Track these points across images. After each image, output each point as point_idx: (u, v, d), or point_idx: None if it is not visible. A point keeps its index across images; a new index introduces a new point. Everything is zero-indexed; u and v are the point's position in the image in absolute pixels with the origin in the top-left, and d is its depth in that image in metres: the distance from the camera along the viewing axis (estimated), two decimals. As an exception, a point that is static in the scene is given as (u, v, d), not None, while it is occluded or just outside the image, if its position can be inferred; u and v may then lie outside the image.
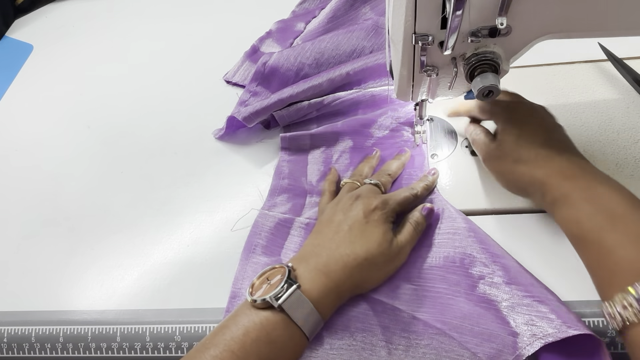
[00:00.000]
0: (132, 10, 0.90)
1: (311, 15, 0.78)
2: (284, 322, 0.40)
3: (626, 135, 0.55)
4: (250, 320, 0.40)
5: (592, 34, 0.43)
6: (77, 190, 0.63)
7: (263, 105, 0.62)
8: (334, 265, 0.43)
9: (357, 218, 0.46)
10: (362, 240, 0.45)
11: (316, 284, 0.42)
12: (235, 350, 0.38)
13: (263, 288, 0.42)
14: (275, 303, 0.40)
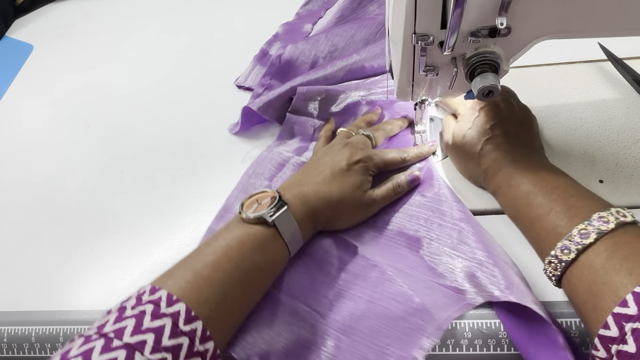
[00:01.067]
0: (132, 10, 0.90)
1: (317, 16, 0.78)
2: (274, 235, 0.45)
3: (626, 135, 0.55)
4: (244, 232, 0.44)
5: (592, 34, 0.43)
6: (77, 190, 0.63)
7: (276, 94, 0.63)
8: (313, 197, 0.49)
9: (340, 164, 0.51)
10: (338, 183, 0.50)
11: (299, 209, 0.47)
12: (233, 256, 0.43)
13: (254, 207, 0.46)
14: (269, 219, 0.45)
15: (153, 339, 0.36)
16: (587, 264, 0.38)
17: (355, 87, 0.64)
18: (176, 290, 0.39)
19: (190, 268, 0.42)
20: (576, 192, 0.43)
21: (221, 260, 0.42)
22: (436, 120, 0.60)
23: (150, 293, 0.39)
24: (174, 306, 0.38)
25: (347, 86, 0.65)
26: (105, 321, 0.37)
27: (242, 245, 0.44)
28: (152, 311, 0.37)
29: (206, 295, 0.40)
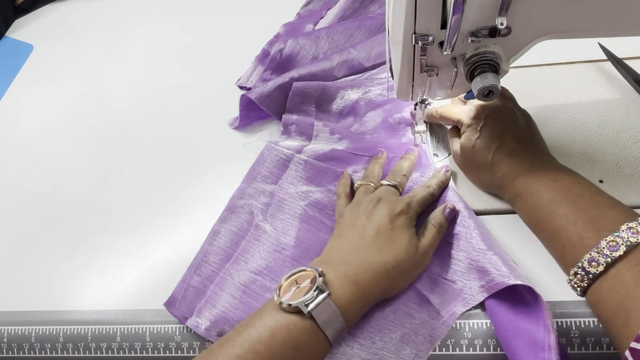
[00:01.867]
0: (132, 10, 0.90)
1: (318, 16, 0.77)
2: (311, 328, 0.40)
3: (626, 135, 0.55)
4: (277, 323, 0.39)
5: (592, 34, 0.43)
6: (77, 190, 0.63)
7: (276, 84, 0.63)
8: (364, 274, 0.43)
9: (382, 223, 0.46)
10: (389, 247, 0.45)
11: (345, 292, 0.42)
12: (261, 352, 0.38)
13: (292, 291, 0.41)
14: (305, 310, 0.39)
15: None
16: (617, 278, 0.36)
17: (351, 84, 0.64)
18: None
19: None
20: (602, 200, 0.41)
21: (247, 354, 0.38)
22: (436, 120, 0.60)
23: None
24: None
25: (343, 82, 0.65)
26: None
27: (273, 339, 0.39)
28: None
29: None
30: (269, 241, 0.53)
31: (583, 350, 0.43)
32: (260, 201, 0.56)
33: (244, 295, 0.49)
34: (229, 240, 0.54)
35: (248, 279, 0.50)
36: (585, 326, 0.43)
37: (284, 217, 0.54)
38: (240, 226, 0.55)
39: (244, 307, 0.49)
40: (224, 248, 0.53)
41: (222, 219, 0.55)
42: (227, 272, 0.51)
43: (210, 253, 0.53)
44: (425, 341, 0.44)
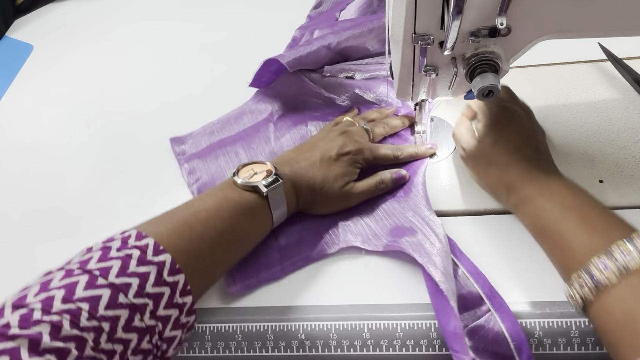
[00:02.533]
0: (132, 10, 0.90)
1: (333, 19, 0.76)
2: (264, 206, 0.47)
3: (626, 135, 0.55)
4: (238, 196, 0.46)
5: (592, 34, 0.43)
6: (77, 190, 0.63)
7: (306, 51, 0.64)
8: (300, 180, 0.50)
9: (329, 153, 0.52)
10: (322, 171, 0.51)
11: (288, 186, 0.49)
12: (225, 218, 0.44)
13: (249, 175, 0.48)
14: (264, 189, 0.46)
15: (137, 284, 0.36)
16: (631, 287, 0.36)
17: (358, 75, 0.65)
18: (163, 239, 0.40)
19: (181, 220, 0.42)
20: (613, 218, 0.41)
21: (213, 219, 0.44)
22: (436, 120, 0.60)
23: (137, 239, 0.39)
24: (160, 256, 0.38)
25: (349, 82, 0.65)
26: (88, 258, 0.37)
27: (235, 209, 0.45)
28: (138, 257, 0.37)
29: (195, 249, 0.41)
30: (265, 134, 0.63)
31: (583, 350, 0.43)
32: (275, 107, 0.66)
33: (222, 160, 0.61)
34: (240, 120, 0.66)
35: (232, 150, 0.62)
36: (585, 326, 0.43)
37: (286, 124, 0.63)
38: (255, 114, 0.66)
39: (216, 166, 0.60)
40: (234, 124, 0.66)
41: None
42: (224, 142, 0.63)
43: (224, 119, 0.66)
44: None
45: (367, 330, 0.45)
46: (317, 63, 0.66)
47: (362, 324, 0.46)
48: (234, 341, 0.47)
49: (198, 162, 0.62)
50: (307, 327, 0.46)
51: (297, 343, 0.46)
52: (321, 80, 0.65)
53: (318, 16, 0.79)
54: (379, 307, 0.46)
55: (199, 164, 0.61)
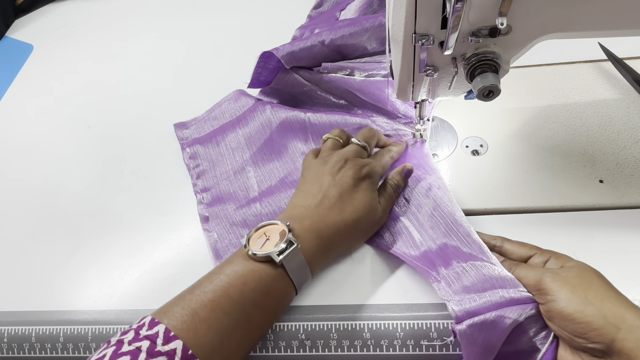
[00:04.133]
0: (132, 10, 0.90)
1: (333, 18, 0.76)
2: (281, 276, 0.43)
3: (626, 135, 0.55)
4: (249, 270, 0.42)
5: (592, 34, 0.43)
6: (77, 190, 0.63)
7: (300, 46, 0.63)
8: (326, 230, 0.46)
9: (346, 186, 0.48)
10: (351, 208, 0.47)
11: (310, 244, 0.45)
12: (234, 297, 0.41)
13: (261, 243, 0.44)
14: (277, 258, 0.42)
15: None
16: None
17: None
18: (174, 326, 0.38)
19: (188, 306, 0.40)
20: None
21: (221, 300, 0.40)
22: (436, 120, 0.60)
23: (149, 327, 0.38)
24: (170, 344, 0.37)
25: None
26: (102, 356, 0.36)
27: (245, 285, 0.41)
28: (147, 348, 0.36)
29: (202, 338, 0.38)
30: (263, 117, 0.62)
31: None
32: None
33: (223, 146, 0.62)
34: (241, 105, 0.66)
35: (232, 137, 0.62)
36: None
37: (282, 112, 0.62)
38: (254, 101, 0.65)
39: (217, 153, 0.61)
40: (235, 108, 0.66)
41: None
42: (226, 127, 0.63)
43: (226, 106, 0.66)
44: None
45: (367, 330, 0.45)
46: (313, 60, 0.65)
47: (362, 324, 0.46)
48: (234, 341, 0.47)
49: (199, 147, 0.63)
50: (307, 327, 0.46)
51: (297, 343, 0.46)
52: (318, 81, 0.65)
53: (318, 16, 0.79)
54: (379, 307, 0.46)
55: (200, 150, 0.62)
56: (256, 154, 0.61)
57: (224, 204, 0.57)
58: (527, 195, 0.52)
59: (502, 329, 0.39)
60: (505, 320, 0.39)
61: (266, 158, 0.60)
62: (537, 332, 0.40)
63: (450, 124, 0.59)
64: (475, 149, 0.57)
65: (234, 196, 0.57)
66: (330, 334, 0.46)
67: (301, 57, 0.64)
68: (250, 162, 0.60)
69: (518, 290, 0.41)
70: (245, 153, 0.61)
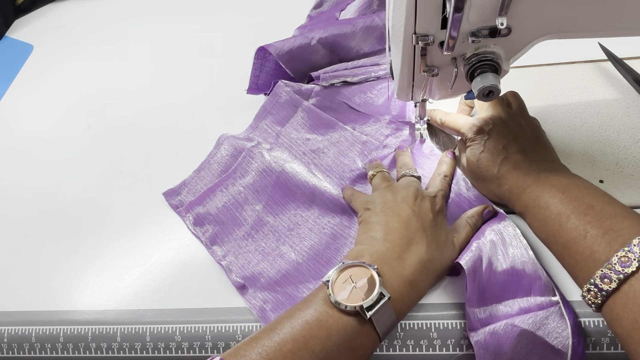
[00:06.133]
0: (132, 10, 0.90)
1: (333, 19, 0.76)
2: (368, 331, 0.39)
3: (626, 135, 0.55)
4: (334, 323, 0.39)
5: (592, 34, 0.43)
6: (77, 190, 0.63)
7: (297, 43, 0.64)
8: (418, 273, 0.43)
9: (428, 219, 0.46)
10: (436, 244, 0.45)
11: (401, 293, 0.42)
12: (317, 352, 0.37)
13: (348, 290, 0.40)
14: (366, 315, 0.39)
15: None
16: (631, 295, 0.35)
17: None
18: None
19: (265, 353, 0.37)
20: (613, 211, 0.39)
21: (301, 352, 0.37)
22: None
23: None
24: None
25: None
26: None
27: (328, 339, 0.38)
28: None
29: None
30: (263, 164, 0.58)
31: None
32: (267, 140, 0.61)
33: (229, 204, 0.57)
34: (230, 154, 0.60)
35: (236, 191, 0.57)
36: (585, 326, 0.43)
37: (283, 156, 0.58)
38: (243, 147, 0.60)
39: (225, 213, 0.56)
40: (225, 160, 0.60)
41: (229, 139, 0.61)
42: (222, 181, 0.58)
43: (213, 161, 0.61)
44: None
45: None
46: (309, 59, 0.65)
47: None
48: (234, 341, 0.47)
49: (200, 208, 0.57)
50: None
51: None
52: (312, 96, 0.63)
53: (318, 16, 0.79)
54: (379, 307, 0.46)
55: (201, 212, 0.57)
56: (269, 203, 0.56)
57: (255, 265, 0.52)
58: (527, 195, 0.52)
59: (511, 336, 0.40)
60: (514, 328, 0.41)
61: (281, 202, 0.56)
62: (556, 334, 0.41)
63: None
64: (475, 149, 0.57)
65: (263, 254, 0.53)
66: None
67: (297, 55, 0.64)
68: (265, 212, 0.55)
69: (529, 299, 0.42)
70: (256, 205, 0.56)
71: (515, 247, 0.46)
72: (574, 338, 0.41)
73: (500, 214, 0.49)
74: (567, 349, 0.40)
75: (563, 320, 0.41)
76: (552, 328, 0.41)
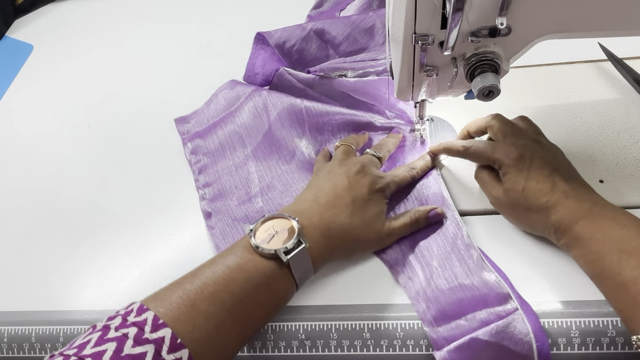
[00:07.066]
0: (132, 10, 0.90)
1: (333, 18, 0.77)
2: (285, 275, 0.42)
3: (626, 135, 0.55)
4: (254, 267, 0.41)
5: (592, 34, 0.43)
6: (77, 190, 0.63)
7: (296, 34, 0.66)
8: (335, 231, 0.46)
9: (361, 192, 0.48)
10: (361, 215, 0.47)
11: (318, 243, 0.45)
12: (236, 292, 0.40)
13: (268, 237, 0.43)
14: (284, 258, 0.41)
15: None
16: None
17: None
18: (164, 314, 0.37)
19: (186, 296, 0.39)
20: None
21: (222, 294, 0.39)
22: (436, 120, 0.60)
23: (137, 313, 0.37)
24: (159, 331, 0.36)
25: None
26: (87, 340, 0.36)
27: (248, 281, 0.41)
28: (135, 335, 0.35)
29: (199, 330, 0.38)
30: (260, 102, 0.62)
31: (583, 350, 0.43)
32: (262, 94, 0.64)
33: (224, 142, 0.62)
34: (235, 94, 0.66)
35: (232, 130, 0.62)
36: (585, 326, 0.43)
37: (280, 97, 0.61)
38: (246, 91, 0.65)
39: (220, 151, 0.61)
40: (230, 96, 0.66)
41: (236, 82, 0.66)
42: (224, 118, 0.64)
43: (221, 96, 0.66)
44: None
45: (367, 330, 0.45)
46: (306, 50, 0.66)
47: (362, 324, 0.46)
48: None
49: (200, 141, 0.63)
50: (307, 327, 0.46)
51: (297, 343, 0.46)
52: (312, 83, 0.64)
53: (318, 16, 0.79)
54: (379, 307, 0.46)
55: (201, 144, 0.63)
56: (257, 149, 0.61)
57: (225, 199, 0.57)
58: (527, 195, 0.52)
59: (476, 349, 0.41)
60: (478, 341, 0.41)
61: (266, 152, 0.60)
62: (520, 341, 0.41)
63: (450, 124, 0.59)
64: (475, 149, 0.57)
65: (235, 191, 0.58)
66: (330, 334, 0.46)
67: (293, 45, 0.66)
68: (251, 157, 0.60)
69: (488, 310, 0.43)
70: (246, 148, 0.61)
71: (463, 258, 0.46)
72: (538, 342, 0.41)
73: (450, 221, 0.49)
74: (532, 353, 0.41)
75: (524, 326, 0.42)
76: (515, 335, 0.41)
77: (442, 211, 0.50)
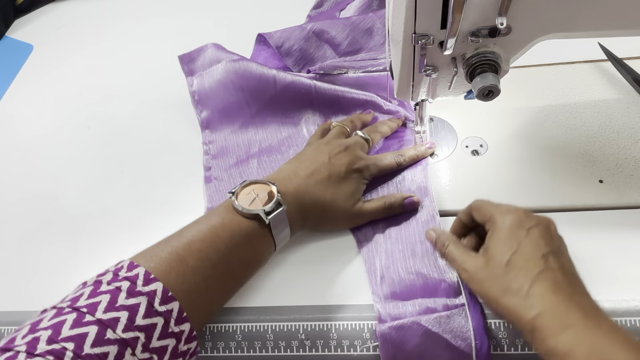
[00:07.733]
0: (132, 10, 0.90)
1: (333, 19, 0.77)
2: (265, 234, 0.45)
3: (626, 135, 0.55)
4: (235, 225, 0.44)
5: (592, 34, 0.43)
6: (77, 190, 0.63)
7: (297, 34, 0.67)
8: (307, 199, 0.48)
9: (338, 170, 0.50)
10: (333, 190, 0.49)
11: (292, 208, 0.47)
12: (222, 249, 0.43)
13: (249, 199, 0.46)
14: (265, 218, 0.44)
15: (127, 317, 0.35)
16: None
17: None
18: (154, 269, 0.39)
19: (174, 252, 0.41)
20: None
21: (208, 250, 0.42)
22: (436, 120, 0.60)
23: (128, 269, 0.39)
24: (150, 285, 0.38)
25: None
26: (80, 294, 0.37)
27: (232, 239, 0.43)
28: (127, 288, 0.37)
29: (189, 283, 0.40)
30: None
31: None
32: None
33: (230, 99, 0.64)
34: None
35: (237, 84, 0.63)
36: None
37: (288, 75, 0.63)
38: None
39: (226, 109, 0.63)
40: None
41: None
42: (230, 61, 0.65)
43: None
44: None
45: (367, 330, 0.45)
46: (305, 50, 0.67)
47: (362, 324, 0.46)
48: (234, 341, 0.47)
49: (207, 91, 0.65)
50: (307, 327, 0.46)
51: (297, 343, 0.46)
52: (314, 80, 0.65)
53: (318, 16, 0.79)
54: (379, 307, 0.46)
55: (208, 93, 0.65)
56: (261, 111, 0.62)
57: (226, 156, 0.60)
58: (527, 195, 0.52)
59: (416, 334, 0.42)
60: (420, 327, 0.42)
61: (270, 116, 0.62)
62: (459, 335, 0.42)
63: (450, 124, 0.60)
64: (475, 149, 0.57)
65: (236, 149, 0.61)
66: (330, 334, 0.46)
67: (293, 45, 0.67)
68: (255, 119, 0.62)
69: (435, 299, 0.44)
70: (251, 108, 0.63)
71: (428, 249, 0.47)
72: (477, 340, 0.41)
73: (426, 210, 0.50)
74: (470, 350, 0.41)
75: (466, 322, 0.42)
76: (455, 329, 0.42)
77: (417, 200, 0.51)
